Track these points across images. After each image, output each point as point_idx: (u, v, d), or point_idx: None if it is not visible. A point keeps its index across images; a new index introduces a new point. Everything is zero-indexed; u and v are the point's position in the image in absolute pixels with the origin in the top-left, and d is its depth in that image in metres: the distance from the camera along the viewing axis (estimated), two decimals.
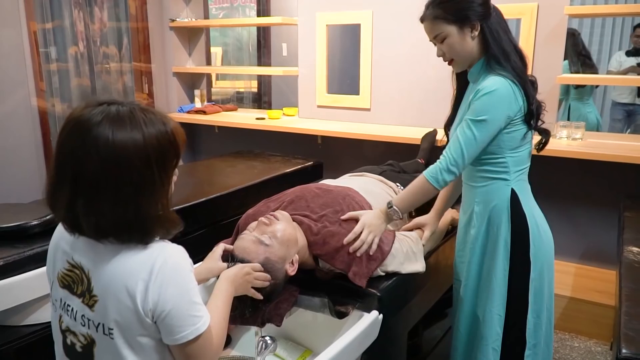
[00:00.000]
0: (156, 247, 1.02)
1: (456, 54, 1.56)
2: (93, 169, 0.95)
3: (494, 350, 1.64)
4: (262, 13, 4.95)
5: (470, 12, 1.50)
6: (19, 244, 1.77)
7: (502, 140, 1.54)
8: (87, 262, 1.04)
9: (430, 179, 1.54)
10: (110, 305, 1.00)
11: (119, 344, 1.02)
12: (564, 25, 2.76)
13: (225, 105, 4.27)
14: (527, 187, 1.64)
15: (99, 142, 0.94)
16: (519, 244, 1.59)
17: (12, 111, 3.15)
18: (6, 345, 1.69)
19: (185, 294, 1.01)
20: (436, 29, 1.54)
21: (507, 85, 1.49)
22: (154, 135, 0.98)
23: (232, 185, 2.55)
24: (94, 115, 0.96)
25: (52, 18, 3.43)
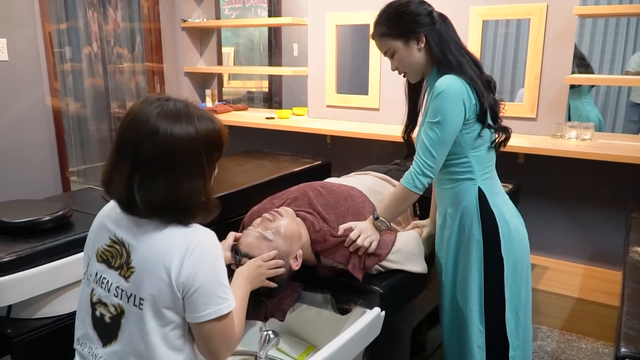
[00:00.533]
0: (193, 229, 1.13)
1: (406, 67, 1.62)
2: (151, 150, 1.06)
3: (479, 348, 1.66)
4: (273, 13, 4.99)
5: (412, 26, 1.55)
6: (31, 238, 1.81)
7: (463, 140, 1.57)
8: (129, 237, 1.13)
9: (407, 185, 1.58)
10: (146, 277, 1.09)
11: (146, 316, 1.09)
12: (573, 26, 2.75)
13: (236, 105, 4.31)
14: (494, 185, 1.66)
15: (158, 131, 1.06)
16: (490, 242, 1.62)
17: (27, 110, 3.22)
18: (18, 338, 1.73)
19: (215, 274, 1.10)
20: (384, 46, 1.62)
21: (457, 81, 1.52)
22: (204, 129, 1.11)
23: (240, 184, 2.58)
24: (152, 108, 1.09)
25: (67, 19, 3.50)
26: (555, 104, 2.89)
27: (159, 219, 1.11)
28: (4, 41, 3.04)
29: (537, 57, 2.86)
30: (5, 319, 1.76)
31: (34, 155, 3.27)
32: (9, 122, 3.13)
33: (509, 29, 3.59)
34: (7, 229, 1.86)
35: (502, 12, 2.95)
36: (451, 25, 1.62)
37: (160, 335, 1.10)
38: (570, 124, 2.86)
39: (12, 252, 1.72)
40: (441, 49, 1.56)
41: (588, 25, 4.10)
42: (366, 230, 1.59)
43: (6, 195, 2.95)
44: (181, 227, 1.12)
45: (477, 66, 1.59)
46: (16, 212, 1.91)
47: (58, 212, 1.92)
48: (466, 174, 1.61)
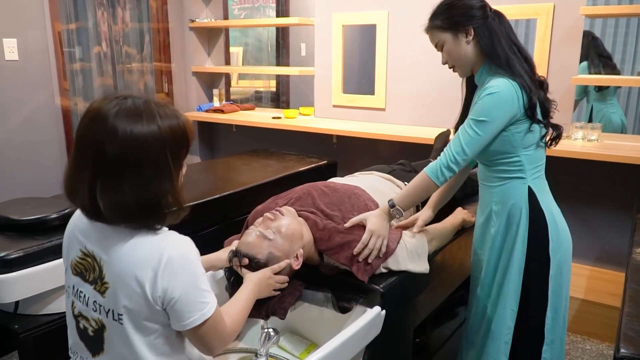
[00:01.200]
0: (164, 237, 1.08)
1: (454, 60, 1.63)
2: (113, 153, 1.01)
3: (506, 344, 1.69)
4: (281, 13, 5.01)
5: (461, 19, 1.57)
6: (39, 236, 1.85)
7: (514, 139, 1.56)
8: (99, 250, 1.09)
9: (430, 175, 1.57)
10: (121, 292, 1.06)
11: (128, 329, 1.08)
12: (580, 26, 2.74)
13: (243, 105, 4.33)
14: (544, 185, 1.67)
15: (118, 131, 1.01)
16: (537, 241, 1.63)
17: (37, 109, 3.26)
18: (25, 333, 1.77)
19: (193, 281, 1.07)
20: (435, 38, 1.64)
21: (509, 86, 1.51)
22: (167, 126, 1.05)
23: (246, 183, 2.60)
24: (111, 107, 1.03)
25: (76, 19, 3.53)
26: (561, 105, 2.85)
27: (126, 225, 1.06)
28: (14, 41, 3.08)
29: (543, 57, 2.85)
30: (13, 315, 1.79)
31: (42, 153, 3.32)
32: (18, 121, 3.18)
33: (519, 29, 3.58)
34: (16, 226, 1.89)
35: (508, 12, 2.88)
36: (506, 22, 1.61)
37: (145, 345, 1.09)
38: (578, 124, 2.85)
39: (20, 249, 1.76)
40: (490, 44, 1.56)
41: (598, 25, 4.07)
42: (377, 230, 1.56)
43: (15, 192, 3.00)
44: (151, 236, 1.07)
45: (530, 65, 1.59)
46: (24, 210, 1.94)
47: (65, 210, 1.95)
48: (517, 172, 1.61)
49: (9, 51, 3.06)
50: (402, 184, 2.01)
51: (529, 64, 1.58)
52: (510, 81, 1.52)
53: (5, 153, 3.12)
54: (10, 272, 1.72)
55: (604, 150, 2.58)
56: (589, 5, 2.77)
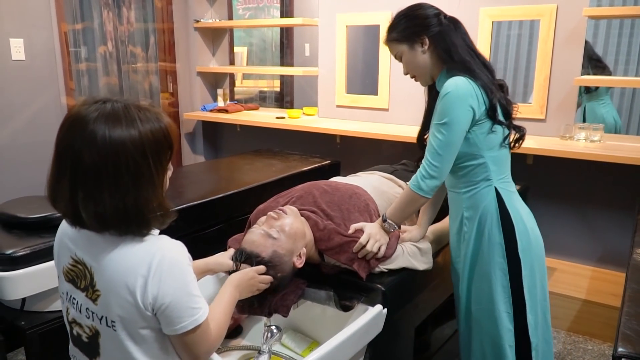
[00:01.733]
0: (154, 242, 1.07)
1: (413, 70, 1.65)
2: (91, 161, 0.99)
3: (511, 347, 1.66)
4: (285, 14, 5.03)
5: (415, 29, 1.58)
6: (45, 234, 1.87)
7: (477, 139, 1.56)
8: (89, 258, 1.08)
9: (414, 188, 1.57)
10: (112, 300, 1.05)
11: (121, 336, 1.07)
12: (582, 27, 2.75)
13: (247, 105, 4.35)
14: (510, 186, 1.66)
15: (97, 137, 0.99)
16: (507, 243, 1.61)
17: (43, 109, 3.29)
18: (32, 330, 1.79)
19: (183, 287, 1.05)
20: (393, 50, 1.66)
21: (464, 82, 1.51)
22: (149, 130, 1.03)
23: (249, 183, 2.62)
24: (90, 112, 1.01)
25: (82, 19, 3.56)
26: (564, 105, 2.89)
27: (111, 233, 1.05)
28: (21, 41, 3.11)
29: (546, 58, 2.86)
30: (20, 311, 1.82)
31: (49, 153, 3.31)
32: (25, 121, 3.21)
33: (522, 30, 3.58)
34: (22, 224, 1.92)
35: (511, 13, 2.95)
36: (462, 28, 1.62)
37: (140, 351, 1.09)
38: (580, 125, 2.86)
39: (27, 247, 1.78)
40: (447, 51, 1.57)
41: (603, 26, 4.07)
42: (375, 235, 1.59)
43: (21, 191, 3.03)
44: (139, 241, 1.06)
45: (488, 69, 1.59)
46: (31, 208, 1.97)
47: None
48: (483, 175, 1.60)
49: (15, 51, 3.09)
50: (404, 184, 2.03)
51: (487, 68, 1.59)
52: (467, 79, 1.52)
53: (12, 152, 3.16)
54: (16, 269, 1.74)
55: (606, 151, 2.59)
56: (592, 7, 2.78)
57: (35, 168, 3.27)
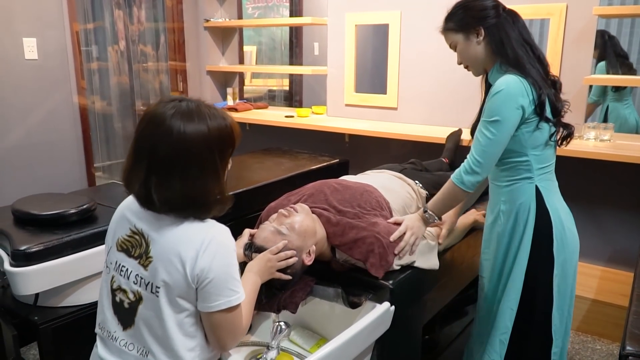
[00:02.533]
0: (209, 224, 1.19)
1: (466, 60, 1.67)
2: (166, 152, 1.12)
3: (501, 343, 1.70)
4: (294, 13, 5.04)
5: (472, 20, 1.60)
6: (59, 230, 1.89)
7: (524, 139, 1.58)
8: (148, 228, 1.19)
9: (456, 182, 1.61)
10: (162, 267, 1.15)
11: (162, 302, 1.16)
12: (593, 26, 2.74)
13: (256, 103, 4.37)
14: (552, 185, 1.67)
15: (173, 131, 1.12)
16: (542, 241, 1.64)
17: (55, 107, 3.33)
18: (45, 325, 1.82)
19: (228, 267, 1.16)
20: (448, 39, 1.68)
21: (516, 81, 1.53)
22: (216, 127, 1.16)
23: (259, 181, 2.64)
24: (167, 109, 1.14)
25: (94, 19, 3.60)
26: (574, 105, 2.84)
27: (175, 214, 1.17)
28: (34, 40, 3.15)
29: (556, 57, 2.85)
30: (33, 307, 1.84)
31: (61, 151, 3.39)
32: (38, 119, 3.25)
33: (532, 29, 3.57)
34: (36, 220, 1.95)
35: (521, 12, 2.87)
36: (521, 21, 1.63)
37: (175, 322, 1.17)
38: (590, 124, 2.85)
39: (40, 243, 1.81)
40: (500, 44, 1.59)
41: (614, 25, 4.04)
42: (412, 227, 1.63)
43: (35, 188, 3.07)
44: (198, 222, 1.17)
45: (542, 64, 1.60)
46: (44, 205, 2.00)
47: (83, 206, 2.00)
48: (524, 172, 1.63)
49: (28, 50, 3.13)
50: (413, 183, 2.04)
51: (541, 63, 1.60)
52: (519, 77, 1.54)
53: (25, 150, 3.20)
54: (31, 265, 1.77)
55: (616, 151, 2.58)
56: (602, 6, 2.76)
57: (48, 165, 3.32)
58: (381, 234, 1.58)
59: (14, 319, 1.86)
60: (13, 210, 2.00)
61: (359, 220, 1.63)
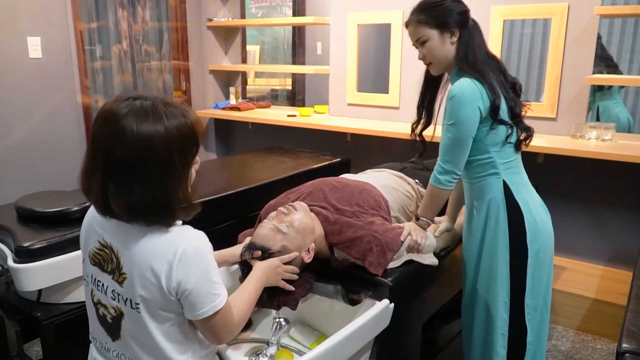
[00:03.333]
0: (180, 231, 1.13)
1: (434, 57, 1.68)
2: (122, 155, 1.05)
3: (502, 336, 1.74)
4: (297, 12, 5.06)
5: (450, 19, 1.63)
6: (61, 227, 1.91)
7: (484, 138, 1.64)
8: (116, 243, 1.14)
9: (433, 182, 1.68)
10: (137, 283, 1.11)
11: (144, 317, 1.13)
12: (594, 26, 2.74)
13: (259, 103, 4.39)
14: (520, 179, 1.72)
15: (126, 132, 1.04)
16: (515, 233, 1.68)
17: (59, 106, 3.36)
18: (48, 321, 1.84)
19: (206, 273, 1.11)
20: (419, 32, 1.67)
21: (470, 84, 1.58)
22: (175, 126, 1.08)
23: (261, 179, 2.65)
24: (121, 108, 1.07)
25: (97, 18, 3.62)
26: (575, 104, 2.88)
27: (138, 223, 1.10)
28: (38, 39, 3.18)
29: (557, 57, 2.86)
30: (36, 303, 1.86)
31: (64, 149, 3.41)
32: (41, 117, 3.27)
33: (535, 28, 3.58)
34: (39, 217, 1.97)
35: (522, 11, 2.95)
36: (480, 30, 1.70)
37: (160, 332, 1.15)
38: (591, 124, 2.85)
39: (43, 240, 1.83)
40: (467, 47, 1.64)
41: (617, 24, 4.04)
42: (415, 229, 1.71)
43: (38, 185, 3.09)
44: (166, 231, 1.11)
45: (501, 71, 1.67)
46: (47, 202, 2.02)
47: (86, 203, 2.02)
48: (490, 168, 1.68)
49: (33, 49, 3.16)
50: (413, 182, 2.05)
51: (501, 70, 1.67)
52: (471, 79, 1.59)
53: (29, 148, 3.22)
54: (34, 261, 1.79)
55: (617, 150, 2.58)
56: (604, 5, 2.77)
57: (51, 163, 3.34)
58: (378, 233, 1.59)
59: (17, 315, 1.88)
60: (17, 208, 2.02)
61: (356, 219, 1.65)
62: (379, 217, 1.73)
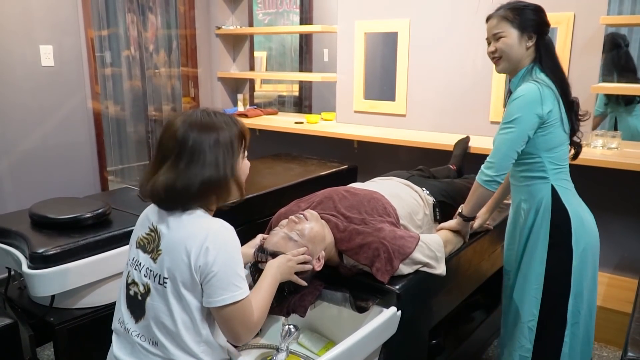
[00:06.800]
0: (215, 219, 1.25)
1: (507, 55, 1.75)
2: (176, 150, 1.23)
3: (530, 330, 1.84)
4: (305, 19, 5.10)
5: (533, 23, 1.71)
6: (74, 234, 1.95)
7: (537, 142, 1.72)
8: (162, 225, 1.26)
9: (479, 180, 1.77)
10: (169, 259, 1.21)
11: (169, 294, 1.22)
12: (600, 35, 2.76)
13: (266, 109, 4.43)
14: (568, 185, 1.81)
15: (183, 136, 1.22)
16: (560, 234, 1.77)
17: (70, 112, 3.40)
18: (60, 325, 1.87)
19: (231, 262, 1.20)
20: (499, 27, 1.74)
21: (535, 89, 1.66)
22: (227, 131, 1.29)
23: (269, 186, 2.68)
24: (179, 117, 1.27)
25: (108, 25, 3.68)
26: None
27: (181, 208, 1.24)
28: (50, 48, 3.23)
29: (563, 65, 2.84)
30: (49, 308, 1.89)
31: (75, 154, 3.46)
32: (53, 124, 3.32)
33: None
34: (53, 224, 2.00)
35: None
36: (554, 45, 1.80)
37: (182, 314, 1.22)
38: (597, 132, 2.86)
39: (57, 246, 1.86)
40: (542, 54, 1.73)
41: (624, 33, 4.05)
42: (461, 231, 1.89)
43: (49, 191, 3.14)
44: (204, 216, 1.24)
45: (565, 84, 1.75)
46: (61, 209, 2.05)
47: (99, 210, 2.06)
48: (539, 172, 1.76)
49: (45, 57, 3.21)
50: (420, 190, 2.07)
51: (565, 84, 1.76)
52: (537, 85, 1.66)
53: (41, 154, 3.27)
54: (47, 267, 1.82)
55: (623, 159, 2.60)
56: (611, 15, 2.79)
57: (63, 169, 3.38)
58: (387, 239, 1.62)
59: (30, 320, 1.92)
60: (30, 214, 2.06)
61: (365, 226, 1.67)
62: (388, 223, 1.74)
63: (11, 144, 3.14)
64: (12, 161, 3.15)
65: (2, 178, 3.12)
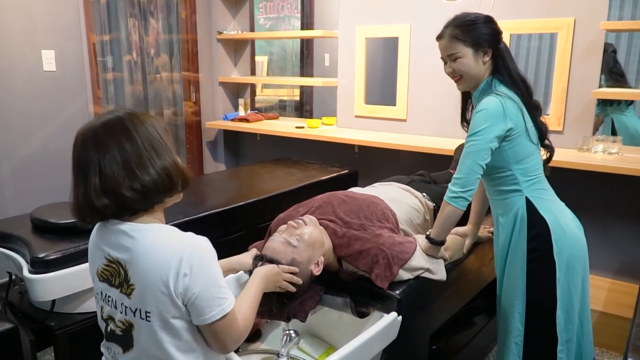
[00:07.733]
0: (183, 238, 1.17)
1: (466, 74, 1.71)
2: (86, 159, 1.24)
3: (517, 345, 1.79)
4: (306, 24, 5.12)
5: (486, 38, 1.67)
6: (75, 238, 1.95)
7: (505, 155, 1.68)
8: (123, 256, 1.17)
9: (446, 198, 1.68)
10: (147, 292, 1.15)
11: (155, 327, 1.16)
12: (600, 40, 2.77)
13: (267, 114, 4.43)
14: (544, 194, 1.74)
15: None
16: (540, 247, 1.70)
17: (72, 117, 3.41)
18: (61, 330, 1.87)
19: (211, 278, 1.16)
20: (452, 48, 1.70)
21: (497, 103, 1.63)
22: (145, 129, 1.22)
23: (269, 191, 2.69)
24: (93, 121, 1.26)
25: (110, 30, 3.69)
26: (582, 118, 2.90)
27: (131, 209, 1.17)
28: (52, 53, 3.24)
29: (564, 70, 2.88)
30: (50, 312, 1.90)
31: None
32: (55, 128, 3.33)
33: (542, 42, 3.61)
34: (54, 229, 2.01)
35: (529, 26, 2.98)
36: (510, 52, 1.75)
37: (172, 342, 1.18)
38: (598, 137, 2.87)
39: (58, 251, 1.86)
40: (504, 64, 1.70)
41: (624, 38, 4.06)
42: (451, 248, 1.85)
43: (51, 195, 3.14)
44: (168, 237, 1.16)
45: (527, 89, 1.72)
46: (62, 214, 2.05)
47: None
48: (512, 185, 1.72)
49: (47, 62, 3.22)
50: (420, 195, 2.07)
51: (528, 90, 1.72)
52: (499, 98, 1.63)
53: (43, 158, 3.28)
54: (48, 272, 1.82)
55: (624, 164, 2.59)
56: (611, 20, 2.79)
57: (65, 173, 3.37)
58: (385, 246, 1.62)
59: (31, 324, 1.92)
60: (32, 219, 2.06)
61: (364, 232, 1.67)
62: (387, 229, 1.75)
63: (13, 149, 3.15)
64: (14, 165, 3.16)
65: (4, 182, 3.13)
